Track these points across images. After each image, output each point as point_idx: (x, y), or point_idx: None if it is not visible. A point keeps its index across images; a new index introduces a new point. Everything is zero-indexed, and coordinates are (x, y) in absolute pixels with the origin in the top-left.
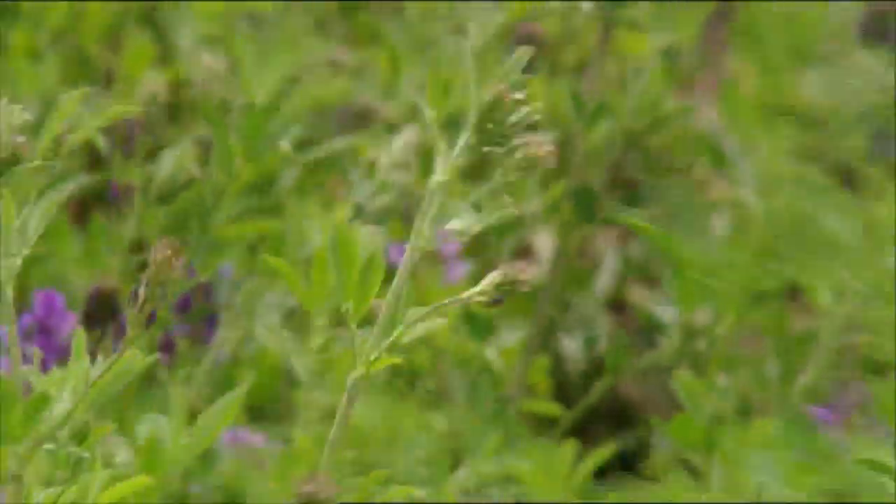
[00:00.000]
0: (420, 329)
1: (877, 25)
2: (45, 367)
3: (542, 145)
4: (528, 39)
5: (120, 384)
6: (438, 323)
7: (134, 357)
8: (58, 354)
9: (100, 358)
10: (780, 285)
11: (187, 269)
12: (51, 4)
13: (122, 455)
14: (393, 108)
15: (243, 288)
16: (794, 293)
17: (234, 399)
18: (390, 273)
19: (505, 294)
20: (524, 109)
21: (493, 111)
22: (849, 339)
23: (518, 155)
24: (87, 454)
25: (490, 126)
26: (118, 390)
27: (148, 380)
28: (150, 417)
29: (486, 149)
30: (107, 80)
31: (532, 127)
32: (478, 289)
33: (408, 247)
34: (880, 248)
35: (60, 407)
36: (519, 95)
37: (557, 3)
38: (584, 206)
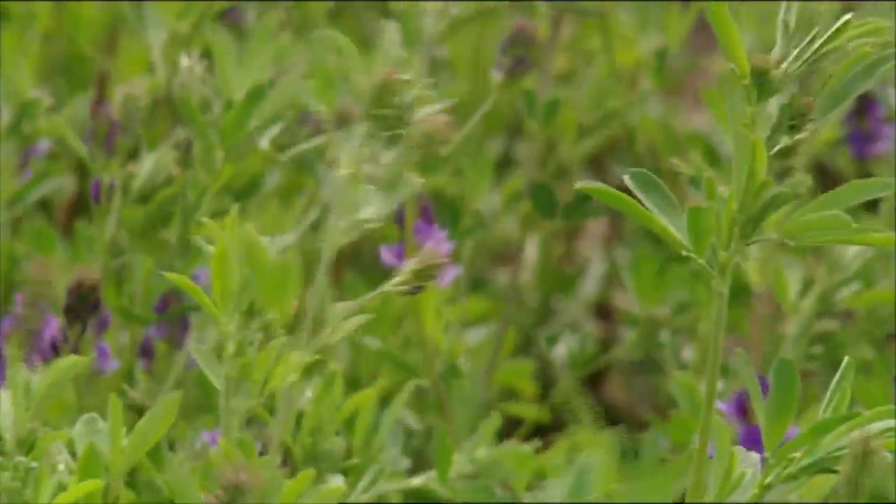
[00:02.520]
0: (347, 326)
1: None
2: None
3: (437, 118)
4: (524, 37)
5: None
6: (363, 319)
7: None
8: (40, 355)
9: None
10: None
11: (166, 269)
12: (41, 5)
13: (63, 461)
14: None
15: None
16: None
17: (172, 402)
18: (385, 273)
19: (424, 280)
20: (413, 88)
21: (382, 95)
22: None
23: (415, 132)
24: (35, 464)
25: (382, 111)
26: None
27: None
28: (87, 419)
29: (384, 133)
30: (101, 82)
31: (426, 103)
32: (397, 279)
33: (324, 244)
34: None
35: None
36: (406, 76)
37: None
38: (542, 202)
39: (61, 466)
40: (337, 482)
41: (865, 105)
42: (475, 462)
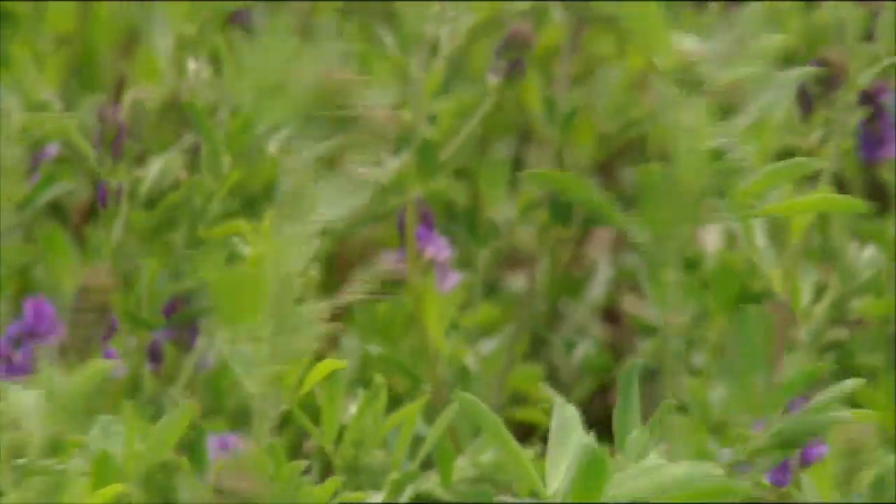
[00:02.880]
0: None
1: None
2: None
3: (377, 110)
4: (518, 40)
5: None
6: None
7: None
8: (46, 360)
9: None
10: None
11: (173, 273)
12: (55, 6)
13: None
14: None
15: None
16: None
17: (187, 409)
18: (389, 280)
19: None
20: (354, 85)
21: (325, 95)
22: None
23: (359, 127)
24: (61, 467)
25: (327, 111)
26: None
27: (135, 388)
28: (103, 421)
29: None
30: (118, 87)
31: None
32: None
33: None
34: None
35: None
36: (346, 74)
37: (527, 4)
38: (559, 210)
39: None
40: (376, 499)
41: (877, 109)
42: (478, 466)
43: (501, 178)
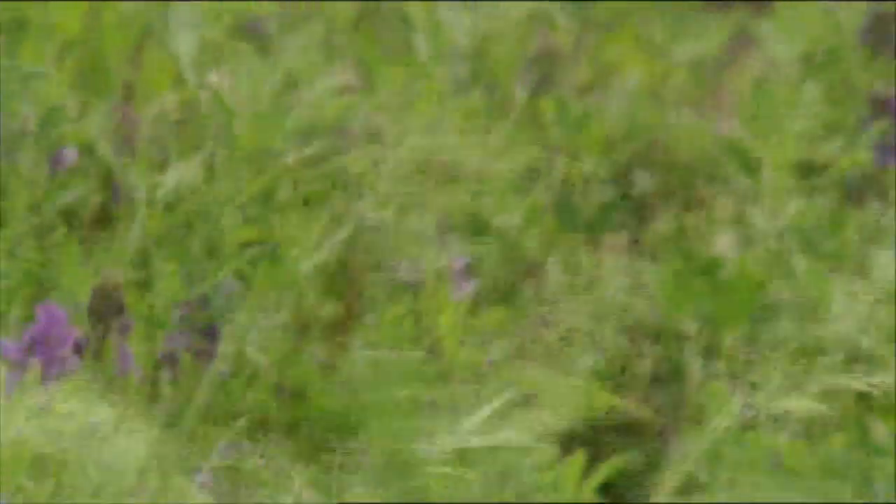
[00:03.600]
0: None
1: (879, 29)
2: (46, 379)
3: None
4: (545, 53)
5: None
6: None
7: None
8: (59, 366)
9: None
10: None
11: (189, 279)
12: (69, 14)
13: None
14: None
15: (244, 302)
16: None
17: None
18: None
19: None
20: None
21: None
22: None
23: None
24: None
25: None
26: None
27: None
28: None
29: None
30: (126, 94)
31: None
32: None
33: None
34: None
35: None
36: None
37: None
38: (567, 216)
39: None
40: None
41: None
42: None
43: (510, 188)
